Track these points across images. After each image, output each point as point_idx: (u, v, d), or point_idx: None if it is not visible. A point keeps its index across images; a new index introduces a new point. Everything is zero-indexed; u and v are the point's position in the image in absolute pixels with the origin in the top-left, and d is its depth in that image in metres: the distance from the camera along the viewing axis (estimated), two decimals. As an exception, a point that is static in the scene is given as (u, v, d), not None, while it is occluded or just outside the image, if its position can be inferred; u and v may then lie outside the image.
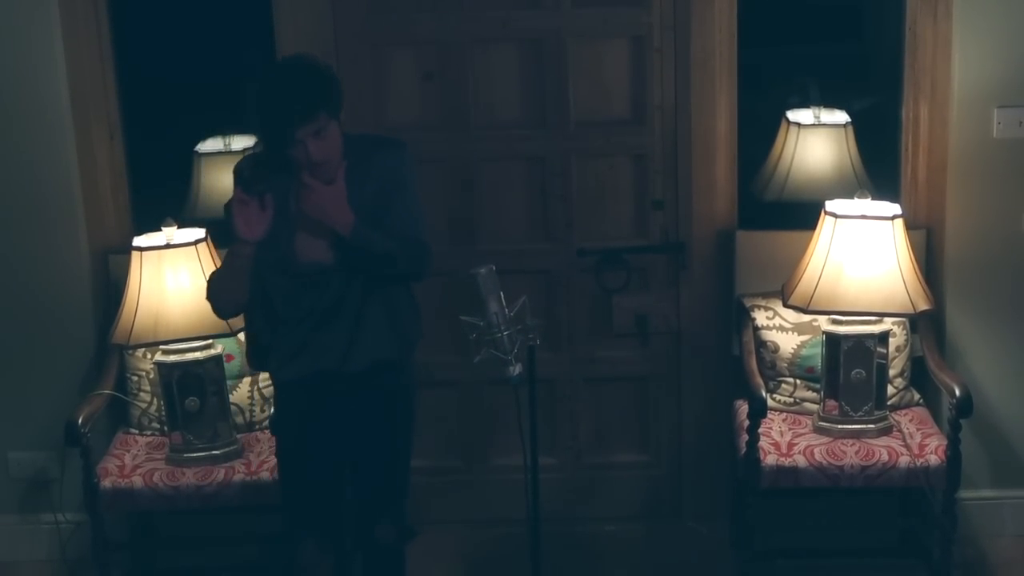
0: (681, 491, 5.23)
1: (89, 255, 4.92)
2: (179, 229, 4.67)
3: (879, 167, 5.17)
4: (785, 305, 4.65)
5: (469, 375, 4.93)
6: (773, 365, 4.81)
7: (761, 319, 4.83)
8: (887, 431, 4.62)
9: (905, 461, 4.50)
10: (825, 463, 4.51)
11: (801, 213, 4.85)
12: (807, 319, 4.72)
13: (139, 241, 4.67)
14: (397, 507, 4.22)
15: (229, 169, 5.38)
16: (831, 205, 4.58)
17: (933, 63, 4.79)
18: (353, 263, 3.95)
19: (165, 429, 4.74)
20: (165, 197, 5.20)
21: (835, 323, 4.59)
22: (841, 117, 5.29)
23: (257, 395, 4.85)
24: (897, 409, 4.75)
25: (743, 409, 4.70)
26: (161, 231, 4.66)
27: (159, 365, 4.67)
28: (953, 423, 4.46)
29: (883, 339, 4.58)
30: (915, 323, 4.80)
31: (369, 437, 4.13)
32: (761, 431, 4.55)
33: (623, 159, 5.00)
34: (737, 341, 4.91)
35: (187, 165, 5.42)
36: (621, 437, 5.24)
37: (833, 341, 4.58)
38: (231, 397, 4.76)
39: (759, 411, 4.49)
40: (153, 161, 5.22)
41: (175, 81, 5.53)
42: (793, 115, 5.35)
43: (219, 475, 4.60)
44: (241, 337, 4.74)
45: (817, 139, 5.29)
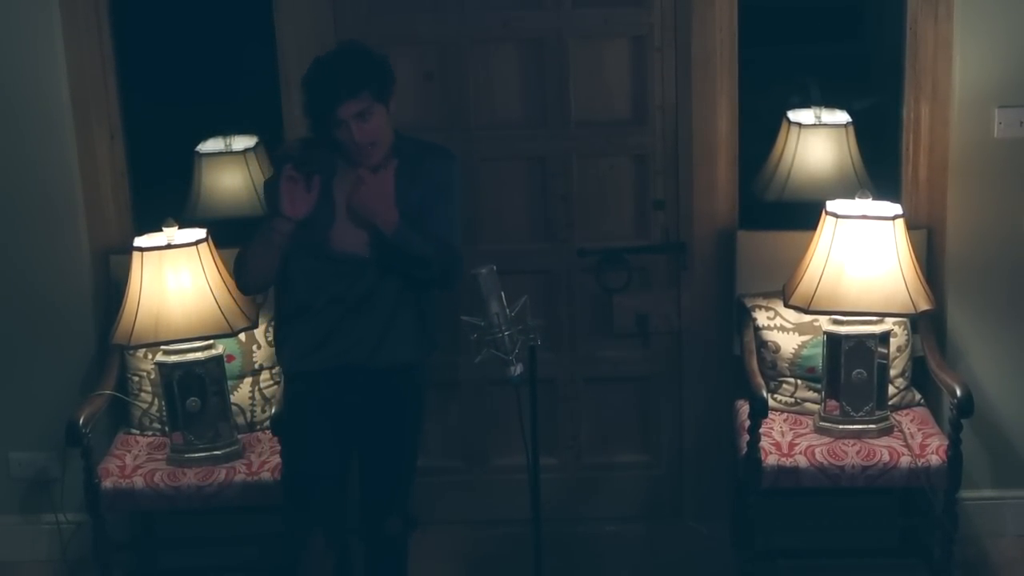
0: (682, 491, 5.23)
1: (90, 255, 4.93)
2: (180, 229, 4.67)
3: (880, 167, 5.17)
4: (786, 305, 4.65)
5: (470, 375, 4.93)
6: (774, 365, 4.81)
7: (762, 319, 4.83)
8: (888, 431, 4.62)
9: (906, 461, 4.50)
10: (826, 463, 4.51)
11: (802, 213, 4.85)
12: (808, 319, 4.72)
13: (140, 241, 4.66)
14: (404, 500, 4.26)
15: (230, 169, 5.45)
16: (832, 205, 4.58)
17: (934, 63, 4.79)
18: (388, 260, 4.01)
19: (166, 429, 4.74)
20: (166, 197, 5.20)
21: (836, 323, 4.59)
22: (842, 117, 5.29)
23: (258, 395, 4.85)
24: (898, 409, 4.75)
25: (744, 409, 4.70)
26: (162, 231, 4.66)
27: (160, 365, 4.67)
28: (954, 423, 4.46)
29: (884, 339, 4.58)
30: (916, 323, 4.80)
31: (382, 434, 4.17)
32: (762, 431, 4.55)
33: (624, 159, 5.01)
34: (738, 341, 4.91)
35: (188, 165, 5.42)
36: (622, 437, 5.24)
37: (834, 341, 4.58)
38: (232, 397, 4.76)
39: (760, 411, 4.49)
40: (154, 161, 5.21)
41: (176, 81, 5.53)
42: (794, 115, 5.34)
43: (220, 475, 4.60)
44: (242, 337, 4.76)
45: (818, 139, 5.29)
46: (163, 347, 4.66)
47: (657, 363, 5.13)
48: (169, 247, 4.61)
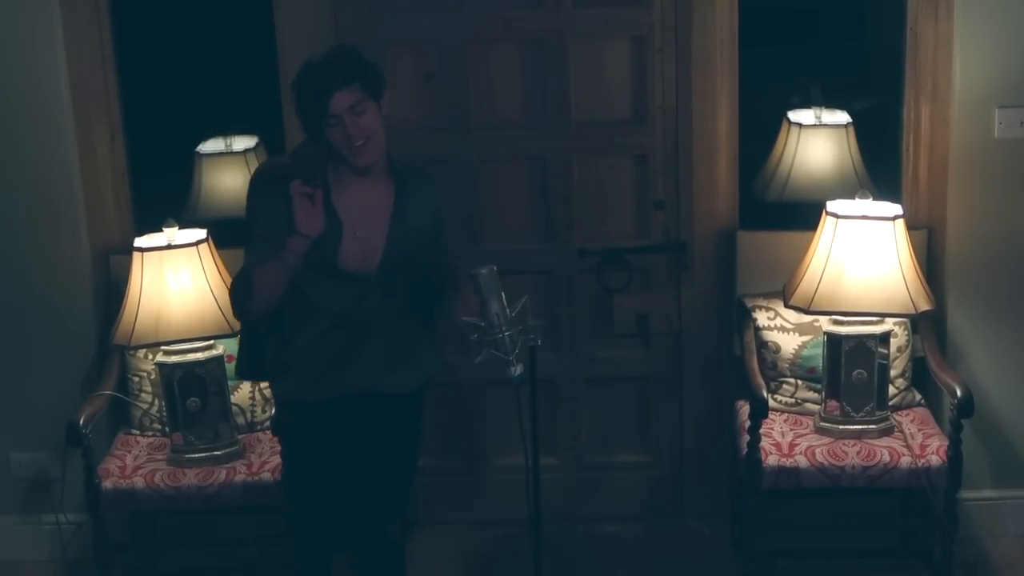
0: (682, 491, 5.23)
1: (90, 255, 4.93)
2: (180, 230, 4.67)
3: (880, 167, 5.17)
4: (786, 305, 4.65)
5: (470, 375, 4.93)
6: (774, 365, 4.81)
7: (762, 319, 4.83)
8: (888, 431, 4.62)
9: (906, 461, 4.50)
10: (826, 463, 4.51)
11: (802, 213, 4.85)
12: (808, 319, 4.72)
13: (140, 242, 4.67)
14: (404, 507, 4.26)
15: (230, 170, 5.45)
16: (832, 205, 4.58)
17: (934, 63, 4.79)
18: (397, 278, 3.93)
19: (166, 430, 4.74)
20: (166, 197, 5.20)
21: (836, 323, 4.59)
22: (842, 117, 5.29)
23: (258, 395, 4.85)
24: (898, 409, 4.75)
25: (744, 409, 4.70)
26: (162, 231, 4.66)
27: (160, 366, 4.67)
28: (954, 423, 4.46)
29: (884, 339, 4.58)
30: (916, 323, 4.80)
31: (388, 453, 4.11)
32: (762, 431, 4.55)
33: (624, 159, 5.00)
34: (738, 341, 4.91)
35: (188, 165, 5.42)
36: (622, 437, 5.24)
37: (834, 341, 4.58)
38: (232, 397, 4.76)
39: (760, 411, 4.49)
40: (154, 161, 5.21)
41: (176, 81, 5.53)
42: (794, 115, 5.34)
43: (220, 476, 4.60)
44: (242, 338, 4.76)
45: (818, 139, 5.29)
46: (163, 347, 4.66)
47: (657, 363, 5.13)
48: (169, 247, 4.62)
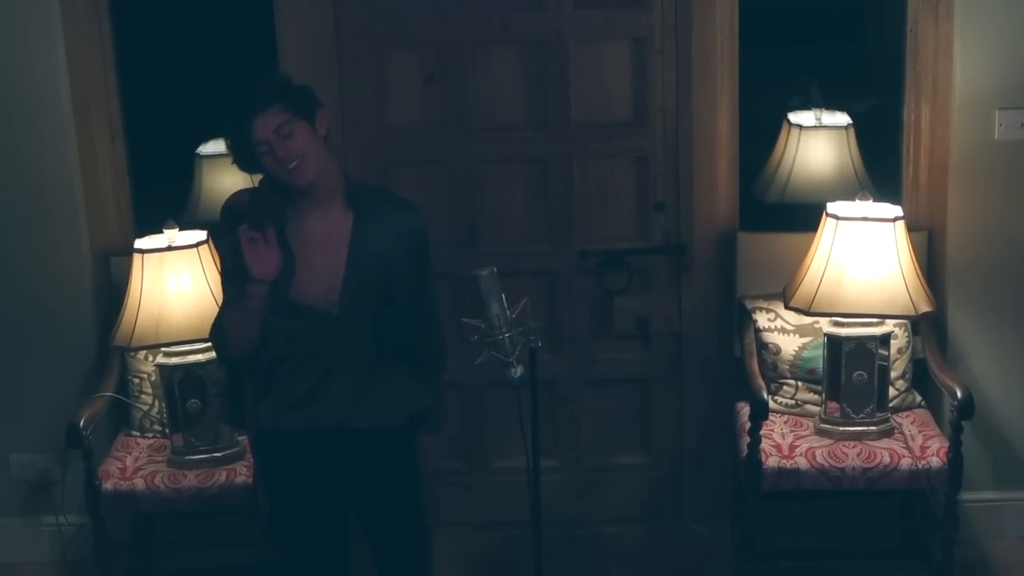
0: (682, 493, 5.23)
1: (90, 257, 4.92)
2: (180, 231, 4.67)
3: (880, 169, 5.18)
4: (786, 307, 4.65)
5: (471, 377, 4.92)
6: (774, 367, 4.81)
7: (762, 321, 4.83)
8: (888, 433, 4.61)
9: (907, 463, 4.49)
10: (827, 465, 4.51)
11: (802, 215, 4.85)
12: (808, 321, 4.71)
13: (140, 243, 4.67)
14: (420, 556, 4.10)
15: (230, 171, 5.40)
16: (832, 207, 4.58)
17: (934, 64, 4.79)
18: (362, 311, 3.79)
19: (166, 431, 4.74)
20: (166, 199, 5.20)
21: (836, 325, 4.58)
22: (842, 119, 5.29)
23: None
24: (899, 411, 4.75)
25: (744, 411, 4.70)
26: (162, 233, 4.66)
27: (160, 367, 4.67)
28: (955, 425, 4.46)
29: (884, 341, 4.58)
30: (916, 325, 4.80)
31: (380, 495, 3.97)
32: (762, 433, 4.55)
33: (624, 161, 5.00)
34: (738, 343, 4.91)
35: (188, 167, 5.42)
36: (622, 439, 5.24)
37: (834, 343, 4.58)
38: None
39: (760, 413, 4.49)
40: (154, 163, 5.21)
41: (176, 83, 5.53)
42: (794, 117, 5.35)
43: (220, 477, 4.60)
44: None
45: (818, 141, 5.29)
46: (164, 349, 4.66)
47: (658, 365, 5.13)
48: (169, 249, 4.62)
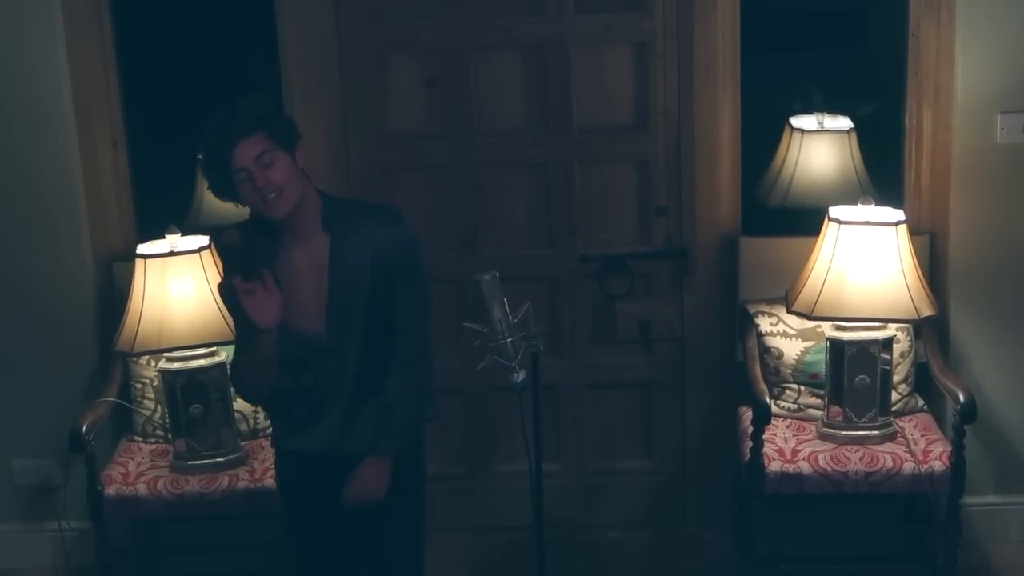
0: (685, 497, 5.22)
1: (93, 262, 4.93)
2: (183, 236, 4.67)
3: (882, 173, 5.17)
4: (789, 311, 4.65)
5: (473, 382, 4.92)
6: (777, 371, 4.81)
7: (765, 325, 4.83)
8: (891, 437, 4.61)
9: (909, 467, 4.49)
10: (829, 469, 4.51)
11: (805, 219, 4.85)
12: (811, 325, 4.71)
13: (143, 248, 4.67)
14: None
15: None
16: (835, 211, 4.58)
17: (936, 69, 4.79)
18: (349, 338, 3.74)
19: (169, 436, 4.74)
20: (168, 204, 5.21)
21: (839, 329, 4.58)
22: (844, 123, 5.29)
23: (261, 402, 4.84)
24: (901, 415, 4.75)
25: (747, 415, 4.69)
26: (165, 238, 4.66)
27: (163, 372, 4.67)
28: (957, 429, 4.46)
29: (887, 345, 4.58)
30: (919, 329, 4.79)
31: (378, 519, 3.94)
32: (765, 437, 4.55)
33: (626, 165, 5.00)
34: (741, 347, 4.91)
35: (190, 172, 5.42)
36: (625, 443, 5.23)
37: (837, 347, 4.58)
38: (235, 404, 4.75)
39: (763, 417, 4.49)
40: (156, 168, 5.21)
41: (178, 88, 5.53)
42: (796, 121, 5.34)
43: (223, 482, 4.60)
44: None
45: (820, 145, 5.28)
46: (166, 354, 4.66)
47: (660, 369, 5.13)
48: (172, 254, 4.62)
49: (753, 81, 4.93)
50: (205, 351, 4.64)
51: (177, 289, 4.58)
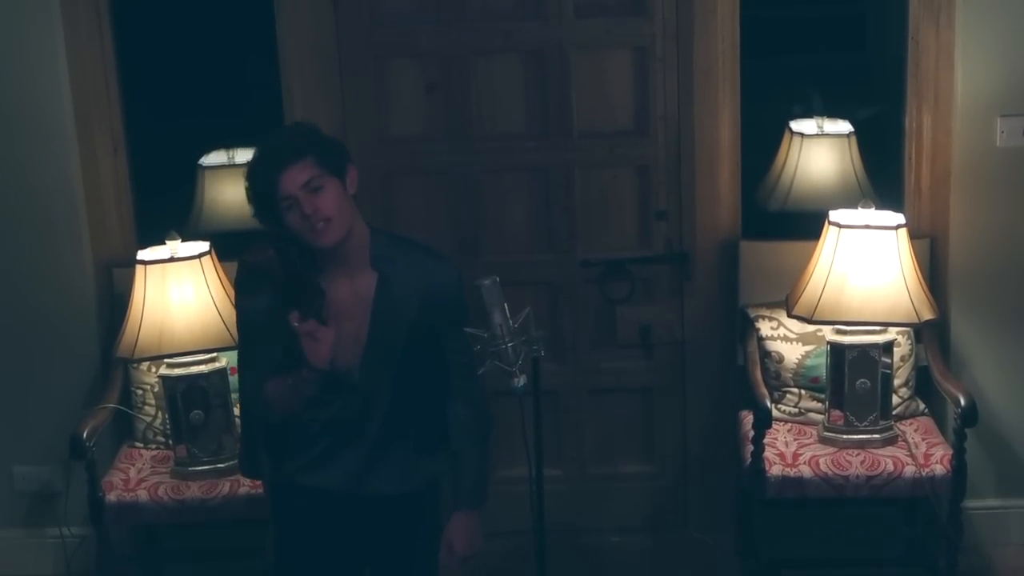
0: (686, 502, 5.22)
1: (93, 268, 4.93)
2: (183, 242, 4.67)
3: (883, 177, 5.17)
4: (789, 315, 4.65)
5: (473, 387, 4.92)
6: (778, 375, 4.81)
7: (765, 329, 4.83)
8: (892, 441, 4.61)
9: (910, 471, 4.49)
10: (830, 473, 4.51)
11: (805, 223, 4.85)
12: (811, 329, 4.71)
13: (143, 254, 4.67)
14: None
15: (232, 182, 5.45)
16: (835, 215, 4.58)
17: (936, 72, 4.79)
18: (382, 379, 3.65)
19: (170, 442, 4.74)
20: (169, 210, 5.21)
21: (839, 333, 4.58)
22: (844, 127, 5.29)
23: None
24: (902, 419, 4.75)
25: (748, 419, 4.69)
26: (165, 244, 4.66)
27: (164, 378, 4.67)
28: (958, 432, 4.46)
29: (888, 349, 4.58)
30: (919, 333, 4.79)
31: (393, 557, 3.89)
32: (766, 441, 4.54)
33: (626, 170, 5.00)
34: (741, 351, 4.91)
35: (190, 178, 5.43)
36: (626, 448, 5.23)
37: (837, 351, 4.57)
38: (235, 410, 4.74)
39: (764, 421, 4.49)
40: (157, 174, 5.22)
41: (178, 94, 5.54)
42: (796, 125, 5.35)
43: (224, 488, 4.59)
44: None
45: (820, 149, 5.29)
46: (167, 360, 4.66)
47: (661, 374, 5.13)
48: (172, 260, 4.62)
49: (753, 85, 4.94)
50: (206, 357, 4.64)
51: (177, 295, 4.58)
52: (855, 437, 4.60)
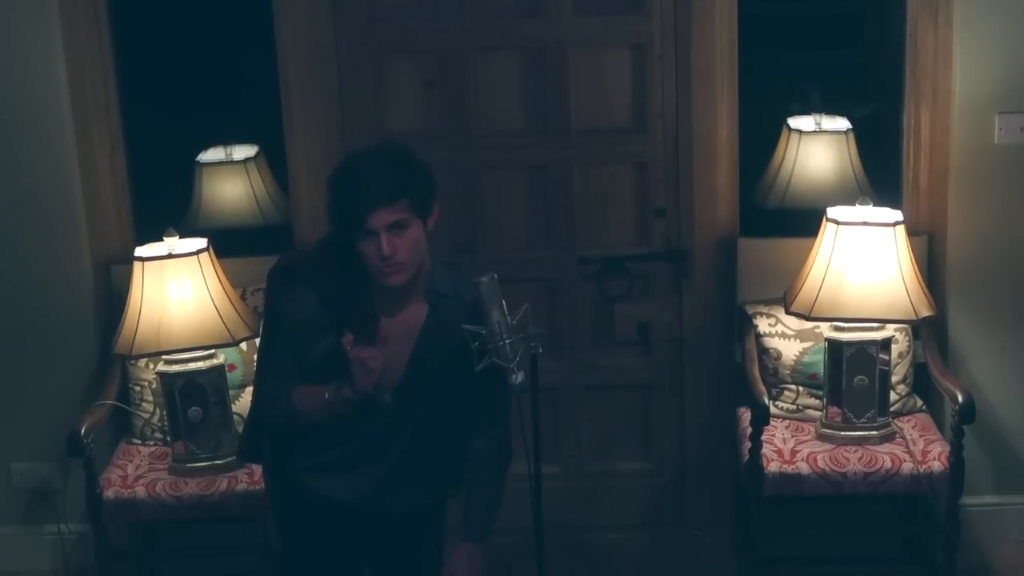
0: (684, 499, 5.22)
1: (91, 265, 4.93)
2: (181, 239, 4.67)
3: (880, 174, 5.18)
4: (787, 312, 4.65)
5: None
6: (776, 372, 4.81)
7: (763, 326, 4.83)
8: (890, 438, 4.61)
9: (908, 468, 4.49)
10: (828, 470, 4.51)
11: (803, 220, 4.85)
12: (809, 326, 4.71)
13: (141, 251, 4.66)
14: None
15: (230, 179, 5.46)
16: (833, 212, 4.58)
17: (934, 69, 4.79)
18: (413, 406, 3.66)
19: (168, 439, 4.74)
20: (167, 207, 5.21)
21: (837, 330, 4.58)
22: (842, 124, 5.30)
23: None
24: (900, 416, 4.75)
25: (746, 416, 4.69)
26: (163, 241, 4.66)
27: (161, 375, 4.67)
28: (956, 429, 4.46)
29: (885, 346, 4.58)
30: (917, 329, 4.79)
31: (393, 560, 3.91)
32: (764, 438, 4.55)
33: (625, 167, 5.00)
34: (739, 348, 4.91)
35: (188, 175, 5.43)
36: (624, 445, 5.23)
37: (835, 348, 4.58)
38: (233, 407, 4.75)
39: (762, 418, 4.49)
40: (154, 171, 5.22)
41: (176, 91, 5.53)
42: (794, 122, 5.35)
43: (222, 485, 4.59)
44: (244, 347, 4.75)
45: (818, 146, 5.29)
46: (164, 357, 4.66)
47: (659, 371, 5.13)
48: (170, 257, 4.61)
49: (751, 82, 4.94)
50: (204, 353, 4.63)
51: (175, 292, 4.58)
52: (853, 434, 4.60)
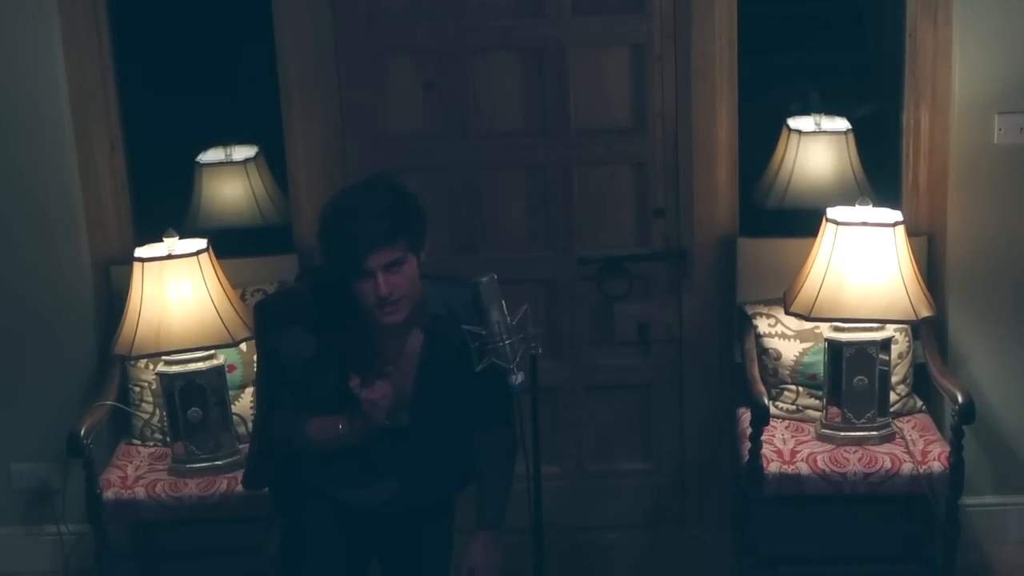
0: (684, 499, 5.22)
1: (91, 266, 4.92)
2: (180, 240, 4.67)
3: (880, 174, 5.17)
4: (787, 312, 4.65)
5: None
6: (775, 372, 4.81)
7: (763, 326, 4.83)
8: (890, 438, 4.61)
9: (908, 468, 4.49)
10: (828, 470, 4.51)
11: (802, 220, 4.85)
12: (809, 326, 4.71)
13: (140, 252, 4.66)
14: None
15: (230, 179, 5.46)
16: (832, 212, 4.58)
17: (933, 69, 4.79)
18: (430, 427, 3.71)
19: (167, 440, 4.74)
20: (166, 208, 5.20)
21: (837, 330, 4.58)
22: (842, 124, 5.29)
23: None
24: (900, 416, 4.75)
25: (745, 417, 4.69)
26: (162, 242, 4.66)
27: (161, 376, 4.67)
28: (956, 429, 4.46)
29: (885, 346, 4.58)
30: (917, 330, 4.79)
31: (401, 553, 3.97)
32: (764, 439, 4.55)
33: (624, 167, 5.00)
34: (739, 348, 4.91)
35: (188, 175, 5.42)
36: (624, 445, 5.23)
37: (835, 348, 4.57)
38: (233, 407, 4.75)
39: (761, 419, 4.49)
40: (154, 172, 5.22)
41: (175, 91, 5.53)
42: (794, 122, 5.35)
43: (222, 485, 4.59)
44: (244, 347, 4.75)
45: (818, 146, 5.29)
46: (164, 357, 4.65)
47: (658, 371, 5.13)
48: (170, 257, 4.61)
49: (751, 82, 4.94)
50: (203, 354, 4.63)
51: (175, 292, 4.58)
52: (853, 434, 4.60)
